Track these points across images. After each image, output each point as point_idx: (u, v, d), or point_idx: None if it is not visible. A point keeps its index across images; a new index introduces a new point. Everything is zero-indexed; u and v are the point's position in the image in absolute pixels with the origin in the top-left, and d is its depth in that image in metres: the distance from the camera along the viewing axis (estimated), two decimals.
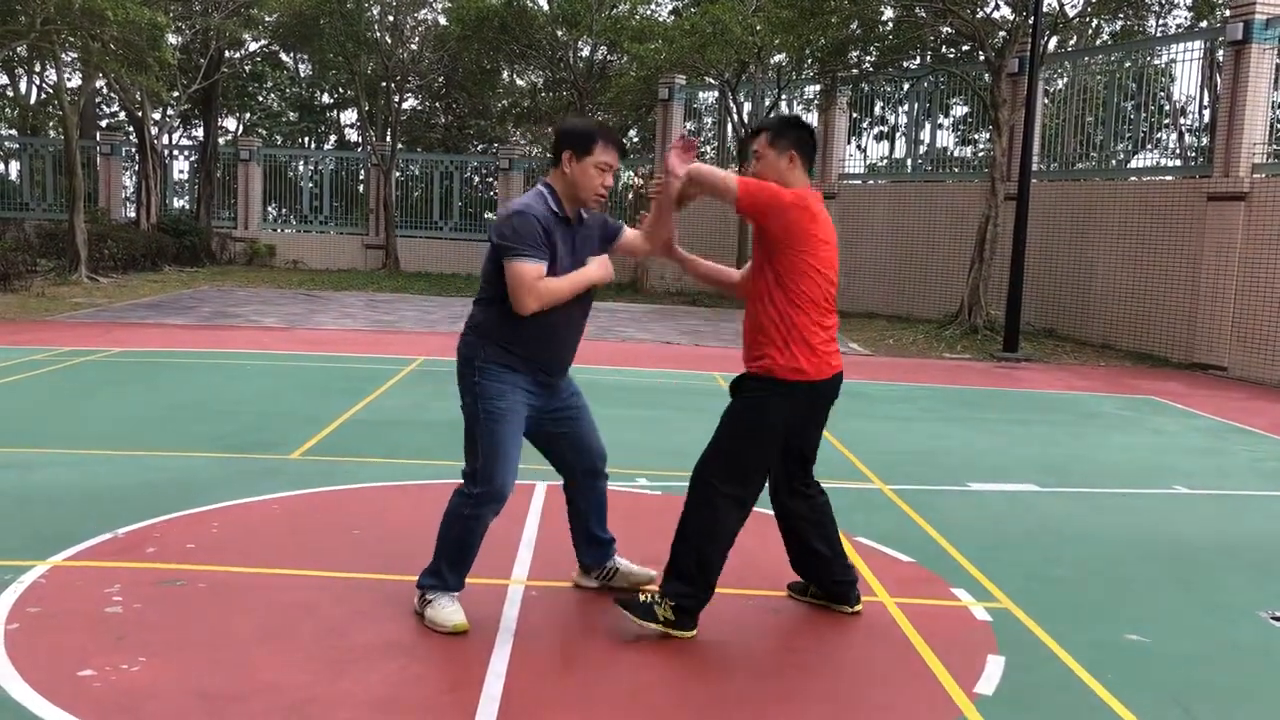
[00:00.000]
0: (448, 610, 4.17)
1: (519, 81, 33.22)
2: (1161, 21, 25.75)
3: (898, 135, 24.10)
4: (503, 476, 4.11)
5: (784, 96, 22.20)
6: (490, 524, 4.21)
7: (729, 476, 4.18)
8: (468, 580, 4.31)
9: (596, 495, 4.52)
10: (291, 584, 4.65)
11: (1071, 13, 18.85)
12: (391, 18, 27.56)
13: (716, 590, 4.25)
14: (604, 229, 4.36)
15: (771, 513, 4.59)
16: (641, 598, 4.21)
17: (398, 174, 28.30)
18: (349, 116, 37.53)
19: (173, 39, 23.87)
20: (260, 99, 36.25)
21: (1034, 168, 16.17)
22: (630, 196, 26.11)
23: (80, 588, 4.48)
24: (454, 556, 4.20)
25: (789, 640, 4.34)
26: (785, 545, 4.57)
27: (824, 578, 4.55)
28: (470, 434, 4.17)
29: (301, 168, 30.30)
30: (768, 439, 4.21)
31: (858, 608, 4.57)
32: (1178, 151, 22.82)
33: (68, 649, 3.87)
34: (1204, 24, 23.26)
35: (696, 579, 4.16)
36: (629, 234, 4.44)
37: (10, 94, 33.45)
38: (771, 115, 4.28)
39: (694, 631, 4.20)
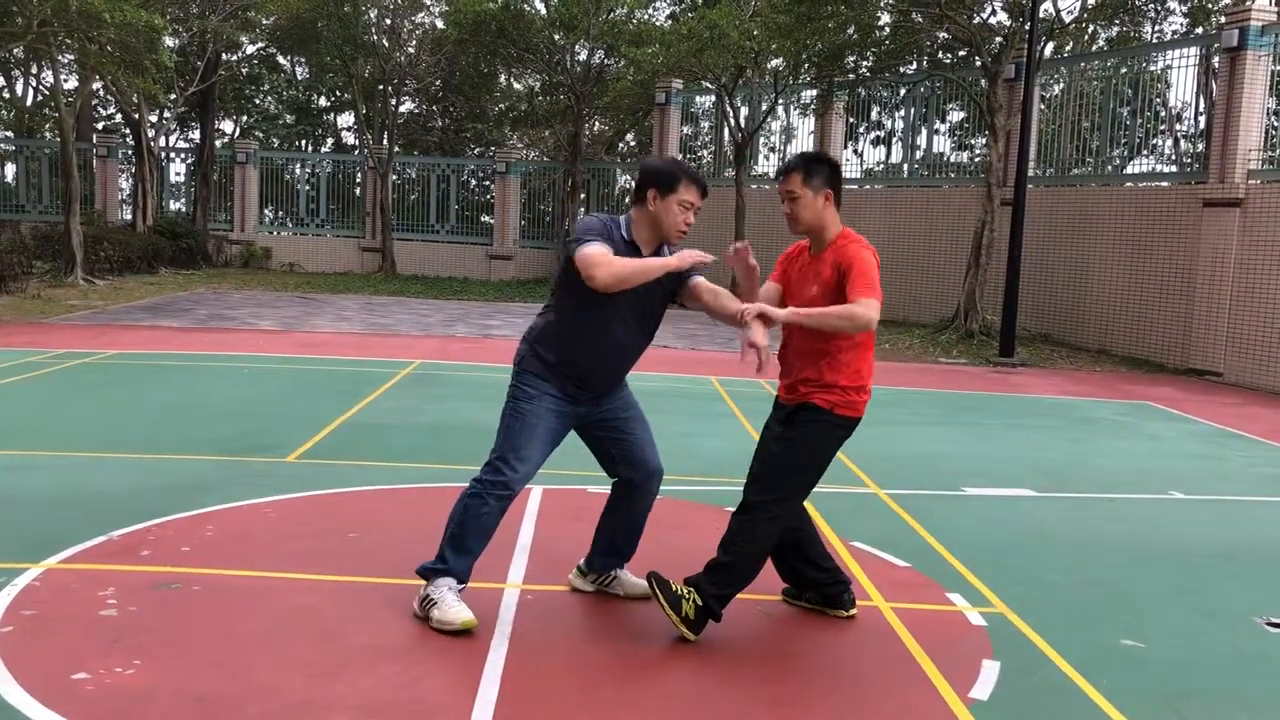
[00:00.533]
0: (455, 609, 4.19)
1: (516, 85, 33.23)
2: (1157, 28, 25.83)
3: (894, 140, 24.12)
4: (511, 466, 4.21)
5: (781, 101, 22.22)
6: (496, 518, 4.25)
7: (788, 498, 4.26)
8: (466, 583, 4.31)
9: (635, 508, 4.56)
10: (287, 587, 4.64)
11: (1068, 19, 18.89)
12: (389, 21, 27.55)
13: None
14: (680, 272, 4.28)
15: None
16: (675, 587, 4.20)
17: (394, 177, 28.28)
18: (346, 119, 37.51)
19: (170, 41, 23.83)
20: (257, 102, 36.22)
21: (1030, 173, 16.20)
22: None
23: (75, 590, 4.47)
24: (457, 542, 4.25)
25: (784, 645, 4.34)
26: (773, 561, 4.55)
27: (819, 585, 4.57)
28: (500, 425, 4.32)
29: (298, 170, 30.27)
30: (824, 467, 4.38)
31: (852, 611, 4.58)
32: (1173, 158, 22.88)
33: (62, 652, 3.86)
34: (1199, 30, 23.33)
35: (733, 588, 4.22)
36: (703, 284, 4.35)
37: (6, 96, 33.41)
38: (796, 154, 4.23)
39: (699, 637, 4.21)
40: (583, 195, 27.73)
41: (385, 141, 28.07)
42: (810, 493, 4.39)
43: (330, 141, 38.20)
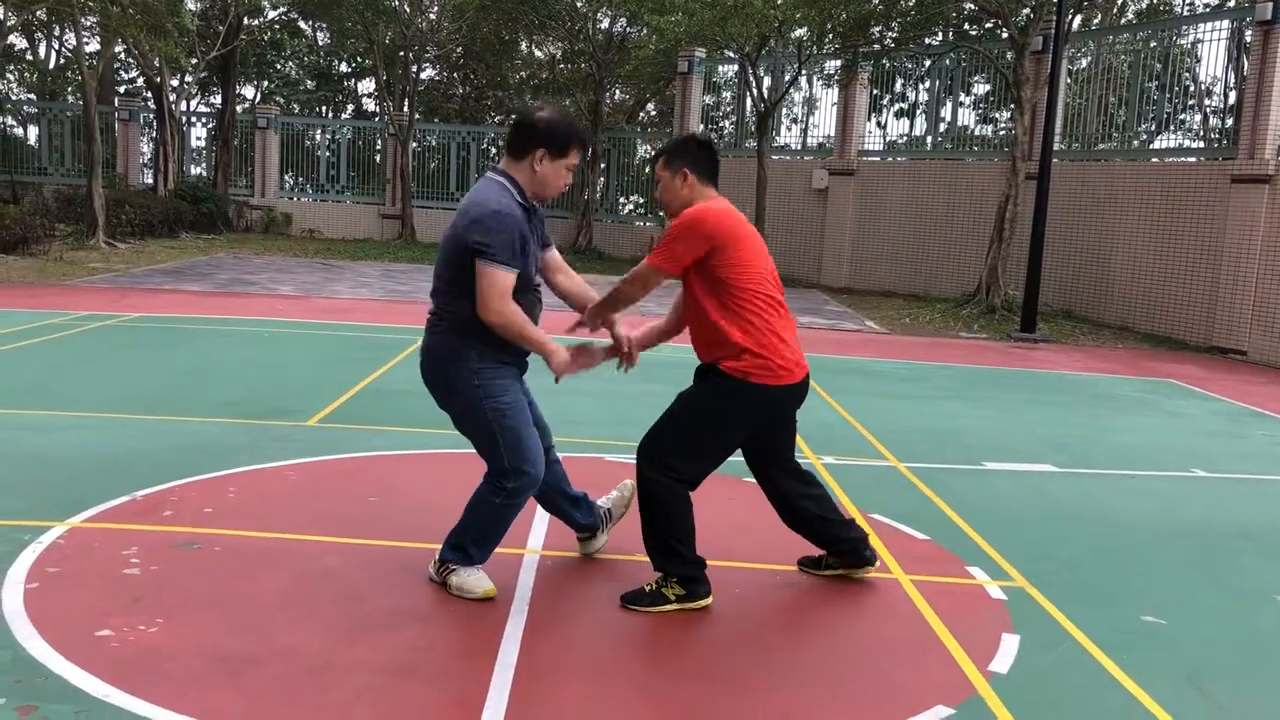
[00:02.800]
0: (475, 577, 4.19)
1: (537, 53, 33.05)
2: (1188, 1, 25.43)
3: (918, 112, 23.91)
4: (534, 464, 4.12)
5: (804, 71, 22.02)
6: (520, 510, 4.23)
7: (678, 460, 4.20)
8: None
9: (555, 465, 4.52)
10: (308, 550, 4.67)
11: None
12: None
13: (729, 564, 4.25)
14: (543, 222, 4.26)
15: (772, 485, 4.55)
16: (646, 588, 4.21)
17: (415, 144, 28.24)
18: (367, 86, 37.42)
19: (192, 5, 23.85)
20: (278, 67, 36.18)
21: (1055, 147, 16.02)
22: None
23: (98, 549, 4.51)
24: (482, 539, 4.22)
25: (802, 615, 4.34)
26: (790, 522, 4.52)
27: (838, 542, 4.55)
28: (483, 434, 4.11)
29: (319, 136, 30.26)
30: (720, 432, 4.29)
31: (876, 564, 4.60)
32: (1201, 133, 22.59)
33: (86, 609, 3.89)
34: (1231, 3, 22.95)
35: (680, 549, 4.17)
36: (554, 259, 4.35)
37: (30, 59, 33.45)
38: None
39: (710, 598, 4.20)
40: (603, 165, 27.61)
41: (406, 108, 28.00)
42: (711, 458, 4.25)
43: (351, 108, 38.14)
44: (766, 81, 22.76)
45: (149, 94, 27.13)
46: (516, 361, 4.18)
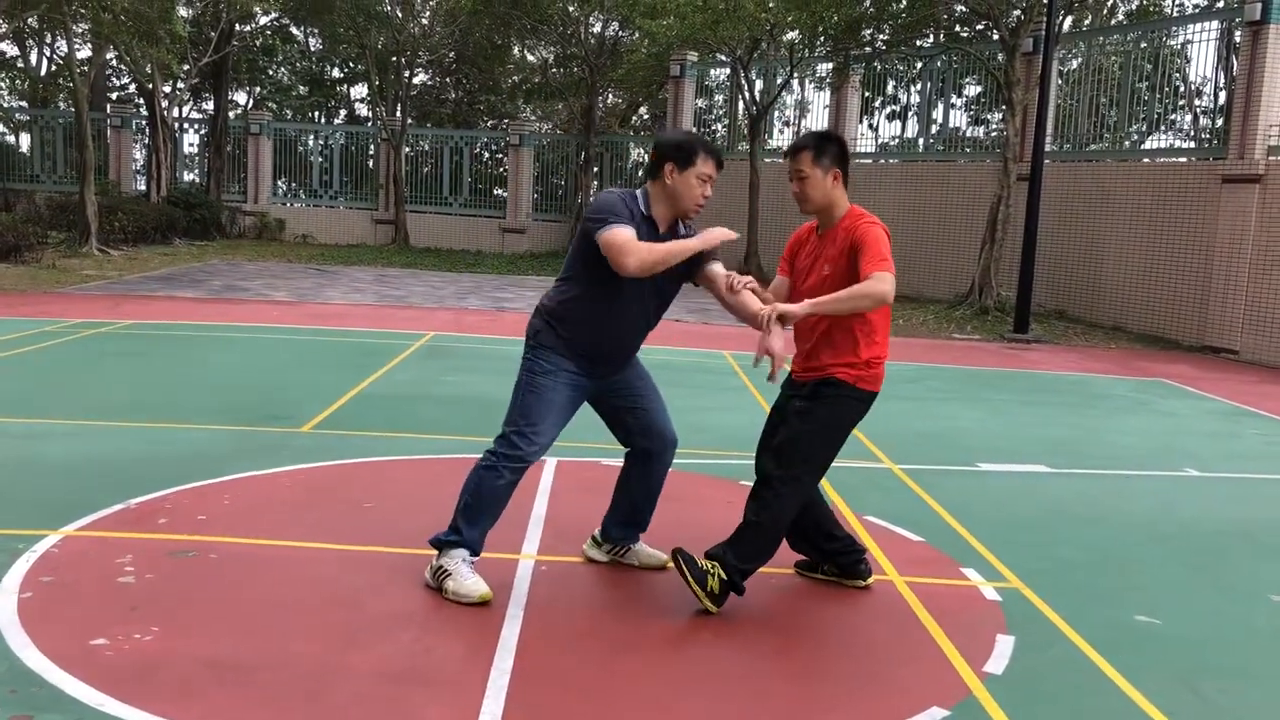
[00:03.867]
0: (470, 581, 4.20)
1: (530, 57, 33.07)
2: (1178, 1, 25.53)
3: (910, 114, 23.96)
4: (525, 438, 4.20)
5: (796, 74, 22.06)
6: (510, 489, 4.25)
7: (813, 471, 4.30)
8: (481, 554, 4.32)
9: (652, 478, 4.56)
10: (303, 556, 4.66)
11: None
12: None
13: None
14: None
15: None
16: (700, 563, 4.19)
17: (408, 149, 28.23)
18: (359, 91, 37.41)
19: (183, 11, 23.80)
20: (270, 73, 36.14)
21: (1047, 148, 16.07)
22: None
23: (93, 557, 4.50)
24: (470, 514, 4.25)
25: (799, 618, 4.35)
26: (787, 536, 4.54)
27: (835, 555, 4.57)
28: (512, 397, 4.29)
29: (311, 142, 30.24)
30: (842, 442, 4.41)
31: (869, 581, 4.59)
32: (1192, 133, 22.66)
33: (80, 618, 3.89)
34: (1221, 4, 23.04)
35: (757, 561, 4.22)
36: (720, 271, 4.27)
37: (21, 66, 33.39)
38: (806, 133, 4.15)
39: (719, 609, 4.21)
40: (596, 169, 27.64)
41: (398, 113, 28.01)
42: (829, 466, 4.38)
43: (343, 113, 38.11)
44: (758, 84, 22.81)
45: (141, 101, 27.14)
46: (587, 361, 4.25)
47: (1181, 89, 21.08)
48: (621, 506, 4.63)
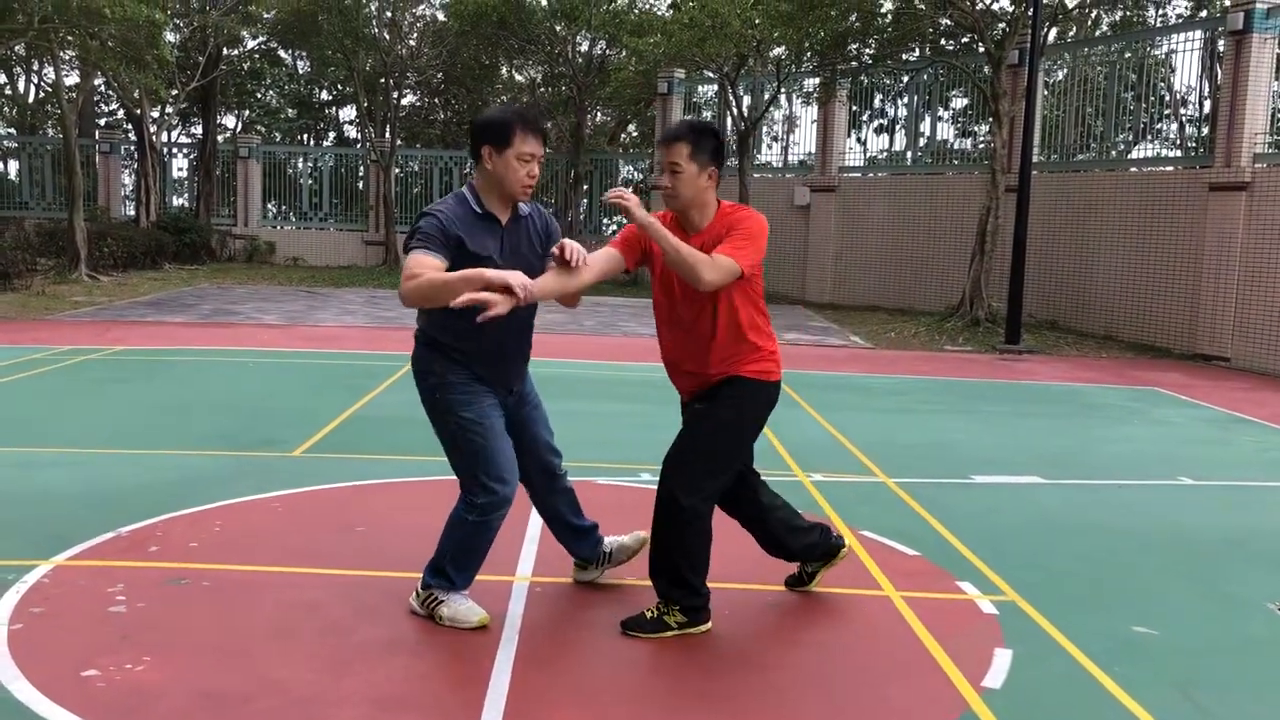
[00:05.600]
0: (465, 606, 4.15)
1: (518, 77, 33.16)
2: (1161, 12, 25.71)
3: (898, 127, 24.04)
4: (500, 480, 4.03)
5: (783, 90, 22.14)
6: (496, 531, 4.16)
7: (713, 482, 4.14)
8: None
9: (562, 489, 4.45)
10: (295, 582, 4.63)
11: (1071, 3, 18.79)
12: (390, 14, 27.49)
13: (718, 585, 4.24)
14: (548, 228, 4.14)
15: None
16: (647, 613, 4.16)
17: (397, 170, 28.24)
18: (348, 113, 37.47)
19: (171, 36, 23.83)
20: (259, 96, 36.19)
21: (1034, 159, 16.13)
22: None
23: (83, 587, 4.47)
24: (461, 560, 4.16)
25: (794, 634, 4.33)
26: (766, 544, 4.51)
27: (811, 547, 4.53)
28: (451, 448, 4.08)
29: (301, 164, 30.24)
30: (748, 441, 4.29)
31: (845, 549, 4.63)
32: (1178, 142, 22.78)
33: (71, 649, 3.85)
34: (1204, 14, 23.22)
35: (695, 582, 4.13)
36: (568, 244, 3.97)
37: (8, 92, 33.39)
38: (681, 121, 3.94)
39: (709, 624, 4.18)
40: (585, 186, 27.68)
41: (387, 134, 28.03)
42: (733, 469, 4.21)
43: (332, 135, 38.18)
44: (746, 100, 22.88)
45: (129, 126, 27.13)
46: (490, 377, 4.08)
47: (1167, 98, 21.21)
48: (562, 529, 4.53)
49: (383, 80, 27.91)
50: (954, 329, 16.69)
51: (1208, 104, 21.32)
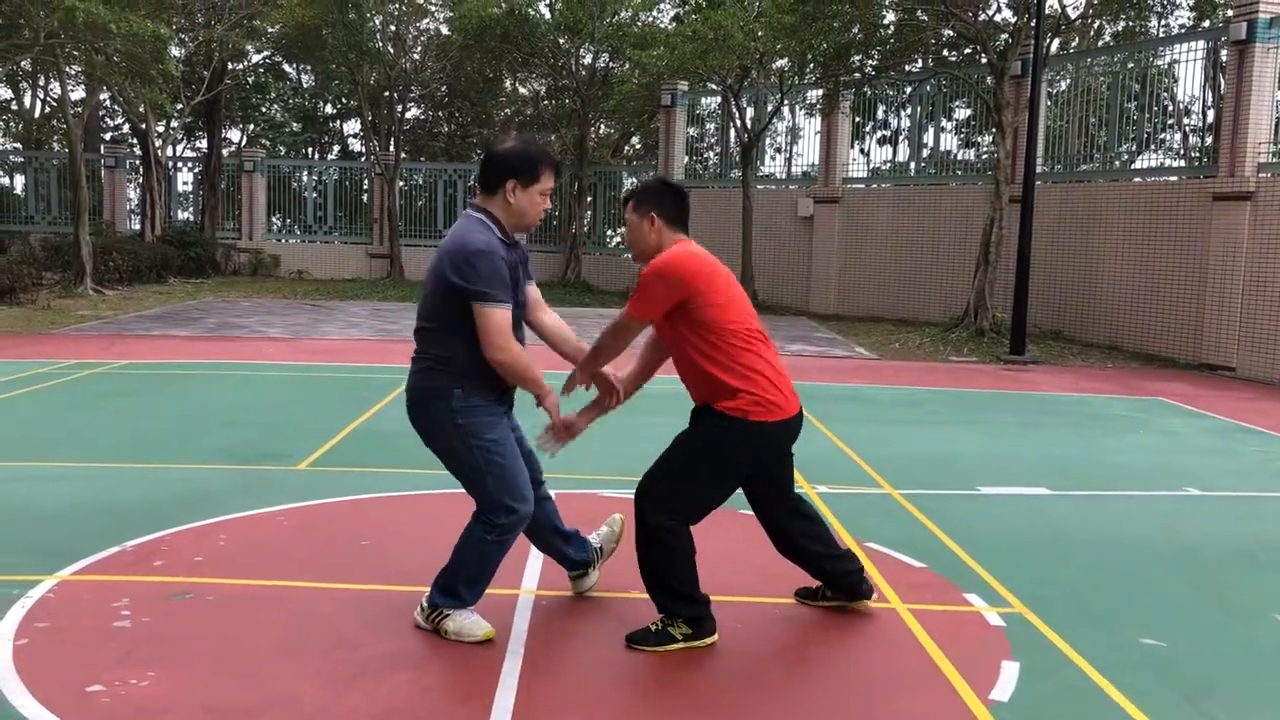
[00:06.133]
0: (471, 620, 4.15)
1: (521, 90, 33.24)
2: (1164, 22, 25.74)
3: (901, 139, 24.07)
4: (523, 501, 4.09)
5: (786, 101, 22.20)
6: (509, 548, 4.18)
7: (685, 503, 4.16)
8: None
9: (545, 496, 4.48)
10: (300, 596, 4.63)
11: (1073, 14, 18.82)
12: (394, 28, 27.60)
13: (727, 598, 4.22)
14: (525, 254, 4.26)
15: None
16: (652, 627, 4.15)
17: (401, 183, 28.31)
18: (352, 126, 37.59)
19: (176, 51, 23.93)
20: (263, 110, 36.31)
21: (1038, 170, 16.13)
22: None
23: (88, 602, 4.46)
24: (474, 577, 4.16)
25: (802, 648, 4.31)
26: (796, 560, 4.51)
27: (841, 575, 4.53)
28: (469, 472, 4.09)
29: (305, 178, 30.33)
30: (725, 474, 4.25)
31: (873, 597, 4.58)
32: (1182, 152, 22.79)
33: (76, 664, 3.85)
34: (1206, 24, 23.23)
35: (688, 591, 4.13)
36: (535, 297, 4.29)
37: (14, 108, 33.53)
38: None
39: (715, 637, 4.17)
40: (589, 199, 27.72)
41: (391, 148, 28.12)
42: (709, 494, 4.19)
43: (337, 149, 38.29)
44: (749, 112, 22.92)
45: (135, 140, 27.20)
46: (500, 398, 4.15)
47: (1170, 108, 21.22)
48: (552, 539, 4.53)
49: (387, 94, 28.00)
50: (959, 340, 16.68)
51: (1211, 114, 21.31)
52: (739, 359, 4.09)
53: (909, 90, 21.94)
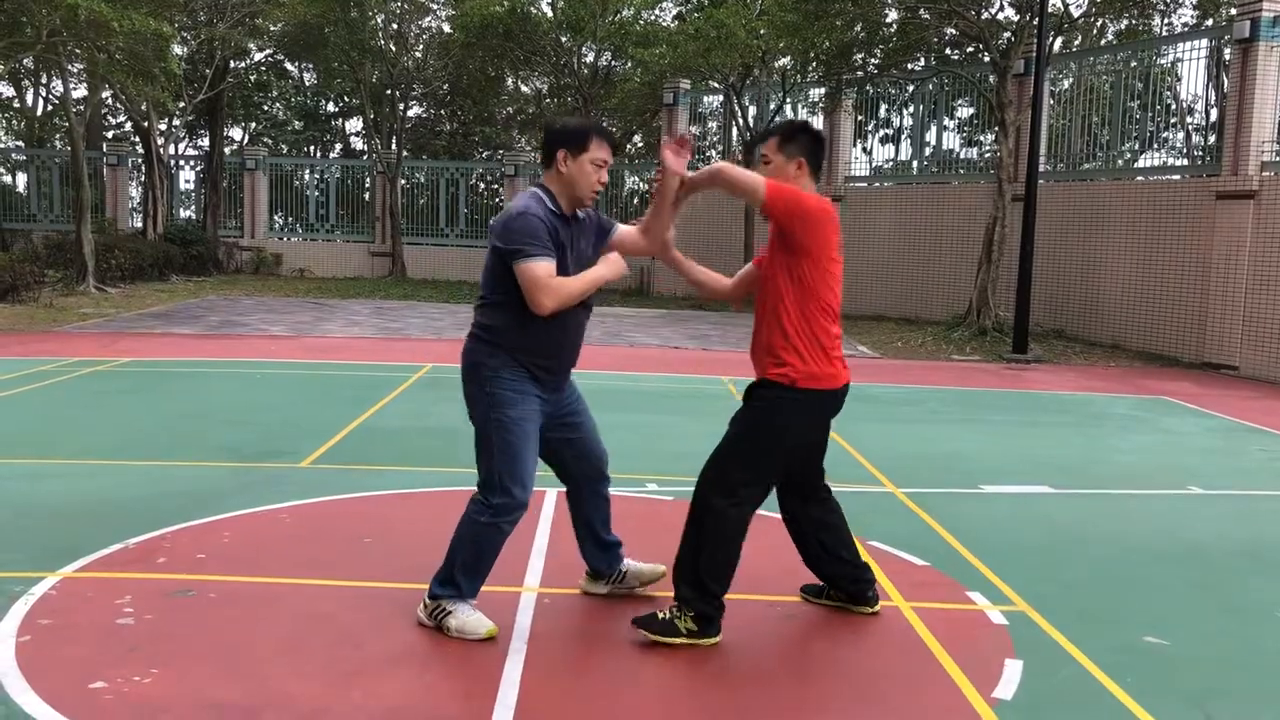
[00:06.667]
0: (474, 618, 4.14)
1: (523, 88, 33.24)
2: (1167, 21, 25.69)
3: (903, 137, 24.06)
4: (521, 485, 4.08)
5: (788, 100, 22.18)
6: (506, 538, 4.17)
7: (740, 483, 4.12)
8: (481, 588, 4.28)
9: (602, 500, 4.49)
10: (303, 593, 4.62)
11: (1076, 13, 18.80)
12: (396, 26, 27.59)
13: (729, 595, 4.22)
14: (599, 226, 4.33)
15: (775, 516, 4.57)
16: (660, 614, 4.15)
17: (403, 181, 28.31)
18: (354, 125, 37.58)
19: (178, 49, 23.91)
20: (265, 108, 36.31)
21: (1041, 168, 16.11)
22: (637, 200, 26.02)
23: (91, 599, 4.46)
24: (470, 565, 4.16)
25: (804, 646, 4.31)
26: (801, 552, 4.53)
27: (843, 580, 4.53)
28: (483, 443, 4.13)
29: (307, 176, 30.33)
30: (780, 446, 4.17)
31: (876, 608, 4.55)
32: (1185, 151, 22.76)
33: (79, 661, 3.85)
34: (1210, 22, 23.20)
35: (711, 587, 4.12)
36: (624, 230, 4.34)
37: (17, 106, 33.55)
38: (778, 119, 4.20)
39: (719, 638, 4.16)
40: None
41: (394, 146, 28.12)
42: (775, 474, 4.26)
43: (339, 147, 38.28)
44: (752, 111, 22.90)
45: (137, 138, 27.20)
46: (537, 379, 4.15)
47: (1173, 107, 21.19)
48: (587, 539, 4.55)
49: (389, 92, 28.00)
50: (961, 338, 16.66)
51: (1214, 112, 21.30)
52: (813, 330, 4.10)
53: (911, 89, 21.92)
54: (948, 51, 21.09)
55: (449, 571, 4.18)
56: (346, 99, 34.72)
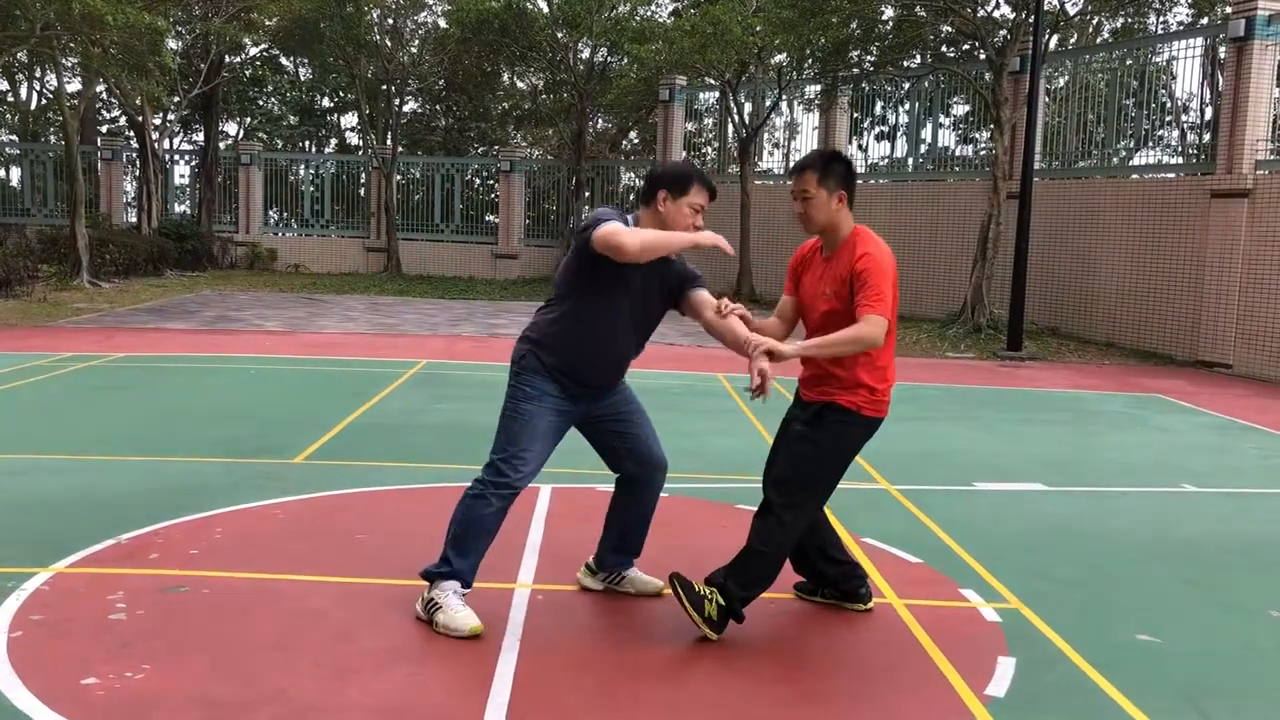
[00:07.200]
0: (461, 614, 4.15)
1: (519, 84, 33.19)
2: (1162, 19, 25.72)
3: (899, 135, 24.06)
4: (514, 468, 4.18)
5: (784, 96, 22.18)
6: (499, 518, 4.22)
7: (809, 503, 4.24)
8: (474, 585, 4.28)
9: (643, 503, 4.55)
10: (296, 590, 4.62)
11: (1072, 10, 18.80)
12: (391, 21, 27.53)
13: None
14: (681, 274, 4.32)
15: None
16: (697, 587, 4.16)
17: (399, 177, 28.26)
18: (349, 120, 37.48)
19: (173, 44, 23.83)
20: (260, 103, 36.21)
21: (1036, 166, 16.12)
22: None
23: (83, 595, 4.45)
24: (460, 543, 4.21)
25: (797, 643, 4.31)
26: (791, 559, 4.52)
27: (837, 580, 4.54)
28: (500, 423, 4.29)
29: (302, 171, 30.26)
30: (843, 468, 4.33)
31: (869, 605, 4.56)
32: (1180, 149, 22.79)
33: (71, 657, 3.84)
34: (1205, 21, 23.22)
35: (754, 592, 4.19)
36: (706, 298, 4.29)
37: (11, 99, 33.45)
38: (812, 152, 4.14)
39: (720, 635, 4.17)
40: (587, 193, 27.70)
41: (389, 141, 28.06)
42: (833, 490, 4.36)
43: (334, 142, 38.20)
44: (747, 107, 22.91)
45: (131, 133, 27.14)
46: (561, 385, 4.22)
47: (1168, 105, 21.21)
48: (613, 533, 4.60)
49: (384, 87, 27.94)
50: (955, 336, 16.68)
51: (1209, 111, 21.33)
52: (880, 359, 4.18)
53: (907, 86, 21.92)
54: (943, 49, 21.11)
55: (444, 548, 4.26)
56: (342, 94, 34.67)
